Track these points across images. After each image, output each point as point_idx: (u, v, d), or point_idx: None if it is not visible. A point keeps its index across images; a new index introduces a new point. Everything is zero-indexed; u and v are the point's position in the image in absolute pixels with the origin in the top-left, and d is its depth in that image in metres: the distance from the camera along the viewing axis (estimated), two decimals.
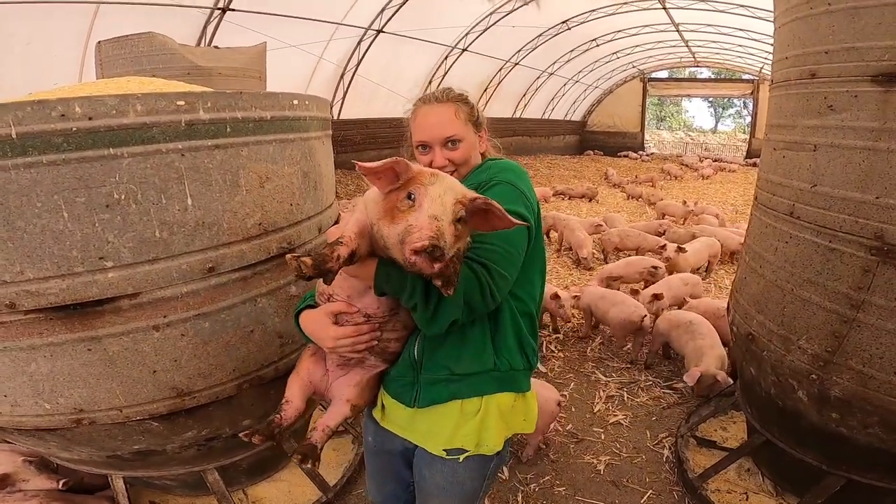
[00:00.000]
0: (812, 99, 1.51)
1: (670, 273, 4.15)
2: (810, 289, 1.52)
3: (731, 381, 2.60)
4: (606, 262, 5.14)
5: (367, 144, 11.96)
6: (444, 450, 1.19)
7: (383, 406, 1.23)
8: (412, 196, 0.89)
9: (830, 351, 1.48)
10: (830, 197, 1.45)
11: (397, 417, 1.22)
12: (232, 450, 1.79)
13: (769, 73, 14.36)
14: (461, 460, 1.19)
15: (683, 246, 4.54)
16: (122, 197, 1.16)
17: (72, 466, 1.80)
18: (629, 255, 4.91)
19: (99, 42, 2.85)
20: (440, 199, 0.87)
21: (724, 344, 2.89)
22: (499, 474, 2.29)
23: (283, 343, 1.59)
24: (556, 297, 3.34)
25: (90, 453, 1.58)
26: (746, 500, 2.09)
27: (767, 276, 1.70)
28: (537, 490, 2.22)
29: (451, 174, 1.14)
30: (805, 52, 1.53)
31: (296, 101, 1.53)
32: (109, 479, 1.78)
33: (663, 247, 4.59)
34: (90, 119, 1.09)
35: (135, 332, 1.29)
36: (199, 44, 6.87)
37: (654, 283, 3.97)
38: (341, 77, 10.62)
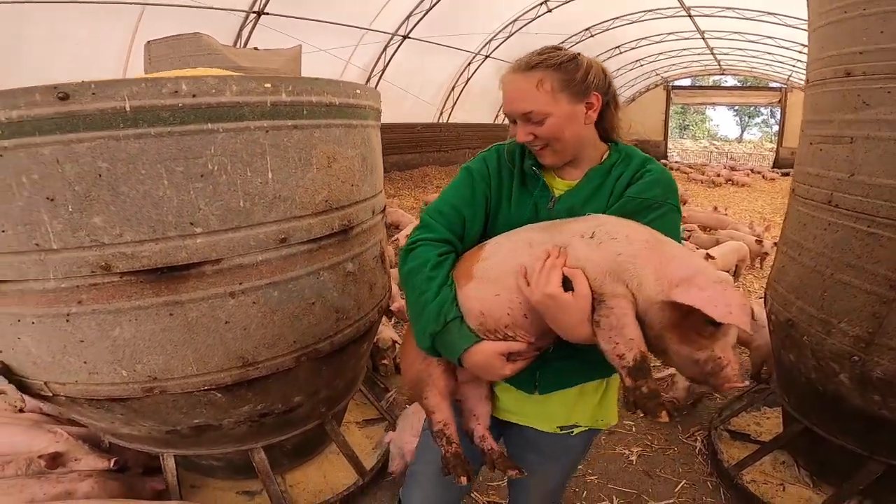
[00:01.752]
0: (847, 95, 1.66)
1: None
2: (850, 272, 1.65)
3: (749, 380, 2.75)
4: None
5: (389, 149, 12.42)
6: (559, 427, 1.23)
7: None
8: (718, 324, 0.83)
9: (871, 332, 1.61)
10: (868, 185, 1.60)
11: (504, 401, 1.24)
12: (281, 428, 1.91)
13: (798, 80, 14.46)
14: (574, 434, 1.24)
15: (711, 252, 4.69)
16: (215, 168, 1.32)
17: (125, 444, 1.91)
18: None
19: (148, 42, 3.08)
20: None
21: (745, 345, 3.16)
22: None
23: (338, 318, 1.73)
24: None
25: (151, 428, 1.70)
26: (783, 490, 2.19)
27: (806, 263, 1.84)
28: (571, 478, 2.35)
29: (544, 149, 1.11)
30: (840, 52, 1.69)
31: (358, 91, 1.71)
32: (161, 458, 1.89)
33: None
34: (194, 96, 1.26)
35: (214, 297, 1.43)
36: (234, 46, 7.33)
37: None
38: (367, 81, 11.07)
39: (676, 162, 21.25)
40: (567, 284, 0.93)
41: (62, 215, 1.27)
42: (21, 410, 2.17)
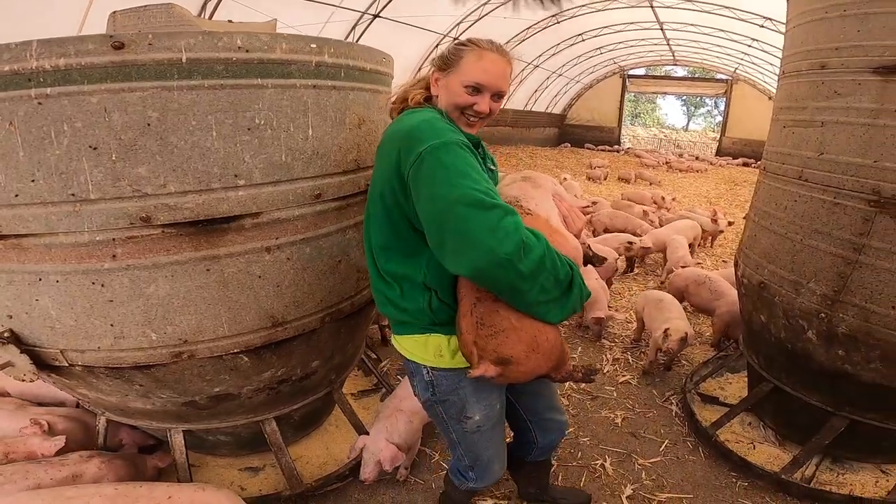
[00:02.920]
0: (821, 85, 1.97)
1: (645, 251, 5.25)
2: (818, 238, 1.97)
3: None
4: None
5: None
6: None
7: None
8: None
9: (837, 290, 1.93)
10: (835, 162, 1.92)
11: None
12: (294, 396, 1.98)
13: (743, 73, 16.00)
14: None
15: (667, 227, 5.47)
16: (262, 122, 1.39)
17: (128, 422, 1.92)
18: None
19: (114, 13, 2.91)
20: None
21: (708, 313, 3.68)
22: None
23: (359, 277, 1.84)
24: None
25: (168, 400, 1.73)
26: (754, 449, 2.53)
27: (777, 231, 2.16)
28: (564, 441, 2.55)
29: (482, 120, 1.39)
30: (817, 47, 2.00)
31: (384, 58, 1.82)
32: (168, 434, 1.91)
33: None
34: (247, 52, 1.33)
35: (250, 252, 1.49)
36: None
37: (630, 256, 5.07)
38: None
39: (629, 148, 22.80)
40: None
41: (104, 164, 1.29)
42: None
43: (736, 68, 18.87)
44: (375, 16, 10.67)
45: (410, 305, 1.37)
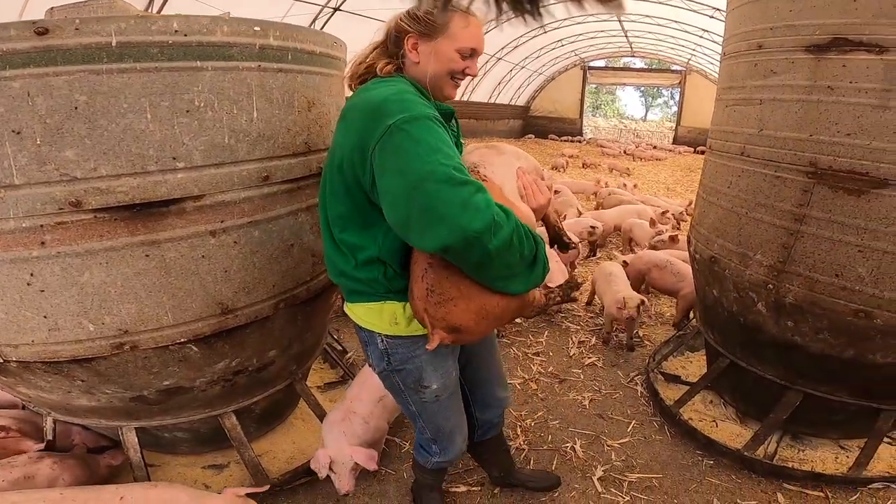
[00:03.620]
0: (758, 65, 2.01)
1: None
2: (761, 210, 2.00)
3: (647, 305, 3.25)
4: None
5: None
6: None
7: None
8: None
9: (782, 261, 1.95)
10: (774, 138, 1.95)
11: None
12: (253, 388, 1.91)
13: (696, 64, 16.73)
14: None
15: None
16: (202, 104, 1.33)
17: (75, 421, 1.82)
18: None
19: (51, 8, 2.78)
20: None
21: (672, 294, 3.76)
22: None
23: (315, 262, 1.78)
24: None
25: (113, 395, 1.64)
26: (716, 427, 2.55)
27: (724, 206, 2.19)
28: (533, 424, 2.56)
29: (460, 81, 1.37)
30: (754, 28, 2.03)
31: (335, 42, 1.78)
32: (119, 433, 1.82)
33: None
34: (185, 35, 1.28)
35: (194, 236, 1.42)
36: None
37: (592, 241, 5.21)
38: None
39: (591, 138, 23.45)
40: None
41: (28, 148, 1.22)
42: None
43: (689, 59, 19.52)
44: (336, 9, 10.46)
45: (364, 275, 1.33)
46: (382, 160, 1.14)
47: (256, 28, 1.43)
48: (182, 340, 1.54)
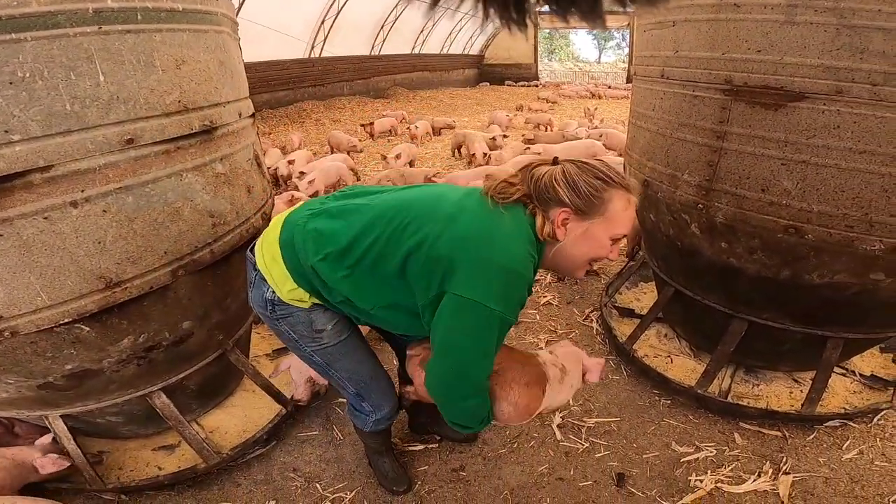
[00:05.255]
0: None
1: None
2: (685, 130, 1.79)
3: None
4: None
5: (258, 88, 11.74)
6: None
7: None
8: None
9: (709, 179, 1.74)
10: (689, 58, 1.74)
11: None
12: (176, 364, 1.74)
13: None
14: None
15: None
16: (28, 75, 1.14)
17: (2, 414, 1.66)
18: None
19: None
20: None
21: None
22: None
23: (215, 223, 1.59)
24: None
25: (18, 385, 1.49)
26: (671, 362, 2.38)
27: (651, 129, 1.98)
28: None
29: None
30: None
31: None
32: (47, 422, 1.67)
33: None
34: None
35: (51, 209, 1.24)
36: None
37: None
38: None
39: (547, 81, 22.94)
40: None
41: None
42: None
43: None
44: None
45: (322, 267, 1.20)
46: (444, 307, 1.10)
47: None
48: (67, 321, 1.37)
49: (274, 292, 1.28)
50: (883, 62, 1.35)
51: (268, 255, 1.29)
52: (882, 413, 2.09)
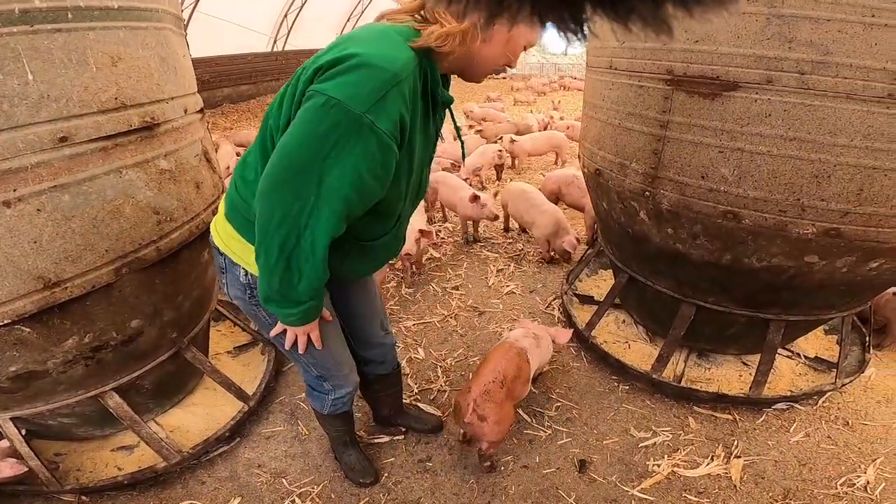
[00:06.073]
0: None
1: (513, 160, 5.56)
2: (632, 120, 1.81)
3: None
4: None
5: (219, 83, 11.67)
6: None
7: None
8: None
9: (654, 167, 1.76)
10: (634, 49, 1.76)
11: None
12: (128, 363, 1.71)
13: None
14: None
15: (516, 137, 5.59)
16: None
17: None
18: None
19: None
20: None
21: (579, 209, 3.60)
22: (416, 355, 2.50)
23: (160, 220, 1.57)
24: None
25: None
26: (629, 348, 2.41)
27: (601, 119, 2.00)
28: (454, 363, 2.40)
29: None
30: None
31: None
32: None
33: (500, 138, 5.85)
34: None
35: None
36: None
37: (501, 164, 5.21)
38: None
39: (514, 73, 22.40)
40: None
41: None
42: None
43: None
44: None
45: (251, 231, 1.12)
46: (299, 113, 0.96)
47: None
48: (6, 322, 1.33)
49: (247, 272, 1.23)
50: (810, 51, 1.38)
51: (223, 232, 1.24)
52: (826, 395, 2.15)
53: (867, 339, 2.36)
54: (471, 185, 4.24)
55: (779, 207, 1.56)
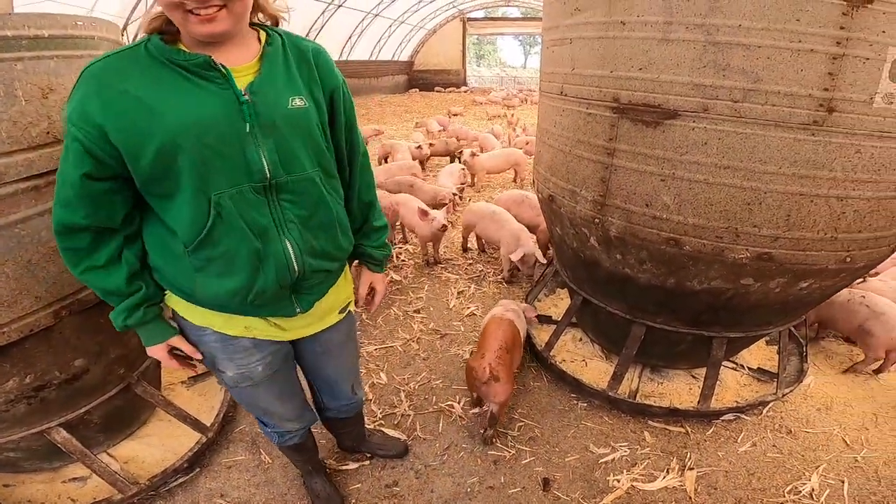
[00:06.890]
0: (567, 3, 1.80)
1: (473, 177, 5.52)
2: (581, 147, 1.83)
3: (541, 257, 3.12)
4: None
5: None
6: (340, 311, 1.38)
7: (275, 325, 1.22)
8: None
9: (602, 195, 1.79)
10: (583, 76, 1.77)
11: (286, 326, 1.25)
12: (74, 399, 1.65)
13: None
14: (350, 311, 1.43)
15: (476, 152, 5.61)
16: None
17: None
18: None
19: None
20: None
21: (532, 230, 3.53)
22: (378, 379, 2.48)
23: None
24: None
25: None
26: (586, 366, 2.45)
27: (554, 145, 2.01)
28: (417, 388, 2.39)
29: (219, 12, 0.89)
30: None
31: (79, 22, 1.46)
32: None
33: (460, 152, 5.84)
34: None
35: None
36: None
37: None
38: (123, 30, 9.55)
39: (475, 87, 23.15)
40: None
41: None
42: None
43: None
44: None
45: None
46: None
47: None
48: None
49: (171, 308, 1.19)
50: (742, 79, 1.41)
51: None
52: (770, 405, 2.23)
53: (804, 349, 2.46)
54: (454, 206, 4.21)
55: (715, 234, 1.61)
